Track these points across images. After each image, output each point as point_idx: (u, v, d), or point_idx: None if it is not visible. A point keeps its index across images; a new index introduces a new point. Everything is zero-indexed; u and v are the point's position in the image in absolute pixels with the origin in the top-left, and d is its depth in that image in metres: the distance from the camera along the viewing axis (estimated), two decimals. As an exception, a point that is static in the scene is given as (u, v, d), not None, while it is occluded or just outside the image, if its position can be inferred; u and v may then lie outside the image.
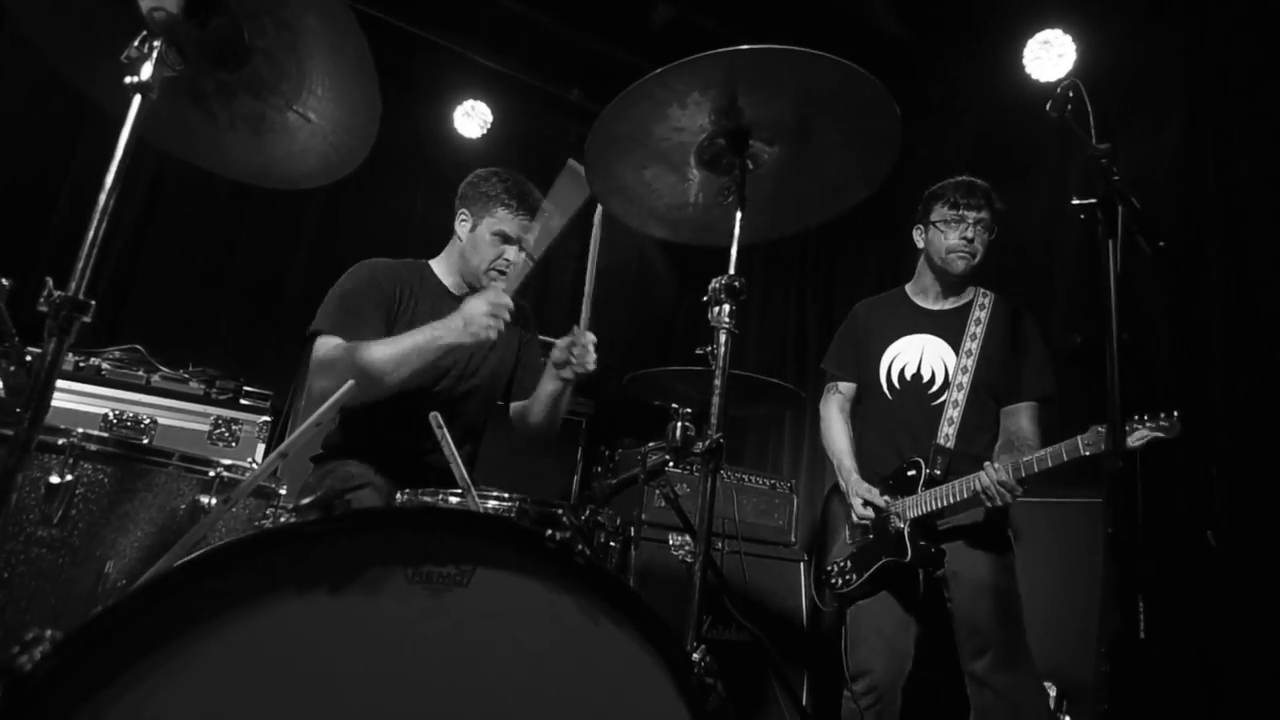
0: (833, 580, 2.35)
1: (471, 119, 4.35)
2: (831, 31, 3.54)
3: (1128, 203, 1.27)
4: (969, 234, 2.32)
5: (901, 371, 2.42)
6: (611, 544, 1.58)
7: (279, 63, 1.28)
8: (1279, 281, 2.54)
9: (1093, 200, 1.33)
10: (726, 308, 1.47)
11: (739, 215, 1.55)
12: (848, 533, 2.37)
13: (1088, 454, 1.91)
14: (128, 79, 1.11)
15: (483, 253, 2.18)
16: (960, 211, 2.33)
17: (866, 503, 2.28)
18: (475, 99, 4.34)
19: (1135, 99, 3.04)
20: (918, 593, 2.24)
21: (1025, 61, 3.27)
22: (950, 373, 2.34)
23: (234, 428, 3.02)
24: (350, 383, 1.16)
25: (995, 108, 3.64)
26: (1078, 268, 3.15)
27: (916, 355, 2.41)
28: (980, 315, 2.38)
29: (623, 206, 1.77)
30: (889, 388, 2.43)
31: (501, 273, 2.18)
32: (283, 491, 1.46)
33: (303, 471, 2.11)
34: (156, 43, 1.13)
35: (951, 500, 2.13)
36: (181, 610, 0.74)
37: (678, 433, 1.43)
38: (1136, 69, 3.07)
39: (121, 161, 1.09)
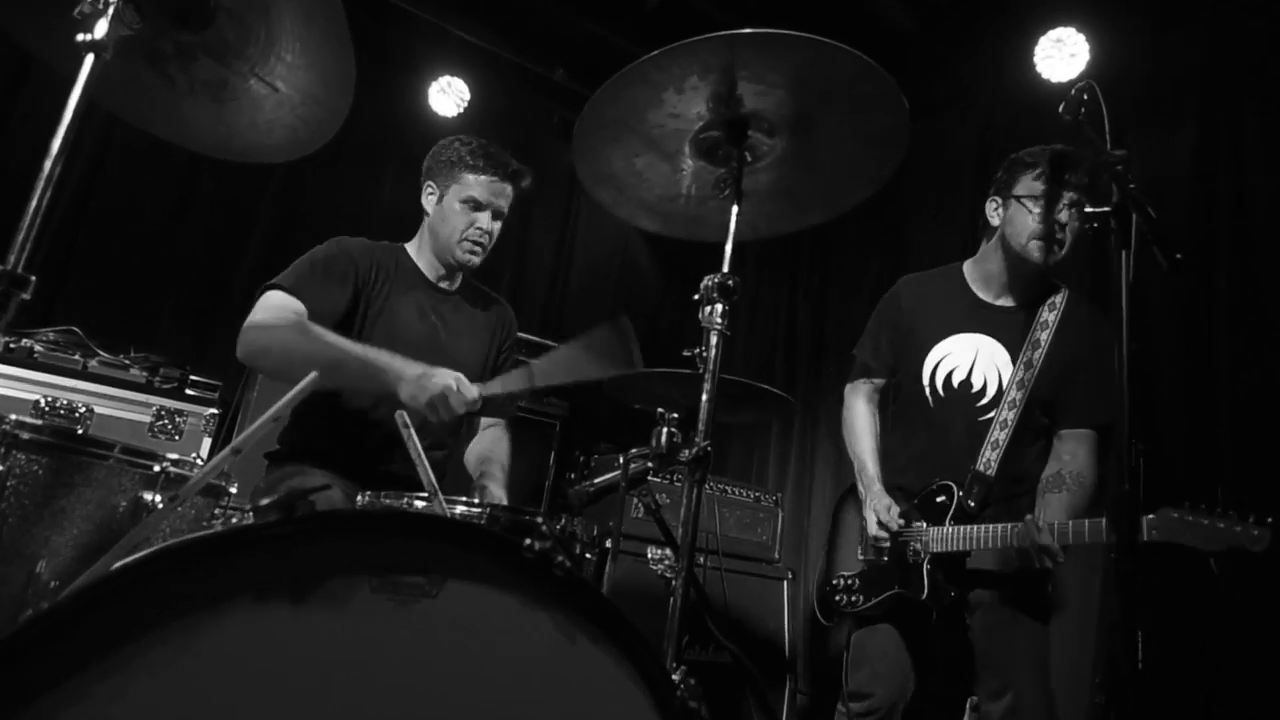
0: (838, 596, 2.23)
1: (447, 96, 4.32)
2: (835, 20, 3.56)
3: (1144, 212, 1.29)
4: (1063, 217, 2.04)
5: (949, 376, 2.20)
6: (587, 556, 1.57)
7: (246, 25, 1.26)
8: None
9: (1106, 208, 1.35)
10: (719, 308, 1.47)
11: (735, 210, 1.56)
12: (860, 546, 2.23)
13: (1152, 539, 1.69)
14: (80, 36, 1.09)
15: (452, 222, 2.15)
16: (1056, 188, 2.04)
17: (883, 524, 2.13)
18: (452, 75, 4.32)
19: (1149, 102, 3.10)
20: (929, 625, 2.12)
21: (1036, 60, 3.32)
22: (1004, 385, 2.12)
23: (178, 420, 2.98)
24: (313, 375, 1.15)
25: (1004, 107, 3.69)
26: (1089, 275, 3.19)
27: (969, 359, 2.18)
28: (1049, 318, 2.14)
29: (611, 196, 1.77)
30: (932, 393, 2.21)
31: (475, 243, 2.16)
32: (233, 490, 1.44)
33: (255, 471, 2.08)
34: (113, -1, 1.11)
35: (981, 546, 1.98)
36: (124, 616, 0.72)
37: (663, 439, 1.43)
38: (1151, 71, 3.13)
39: (70, 125, 1.07)
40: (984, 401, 2.15)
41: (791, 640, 3.21)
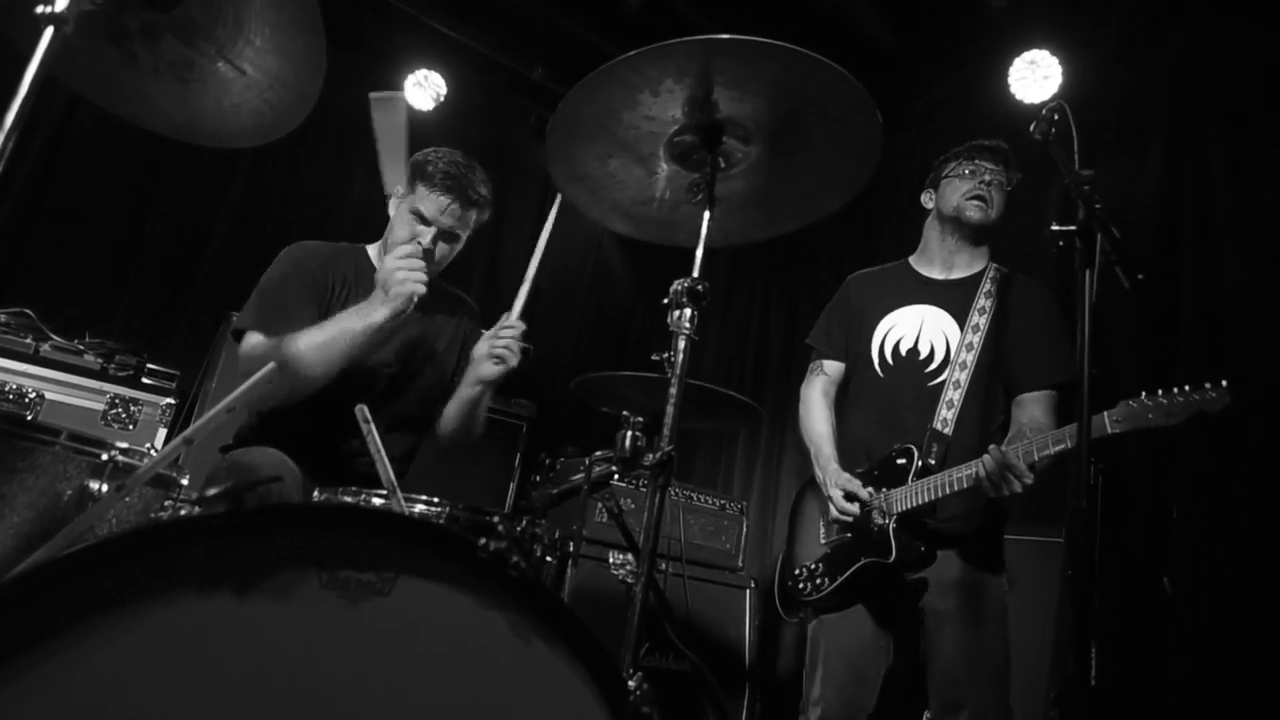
0: (800, 585, 2.17)
1: (424, 89, 4.29)
2: (816, 32, 3.59)
3: (1108, 232, 1.32)
4: (986, 178, 2.22)
5: (896, 346, 2.26)
6: (548, 559, 1.57)
7: (214, 6, 1.24)
8: (1248, 322, 2.65)
9: (1072, 227, 1.38)
10: (687, 312, 1.48)
11: (707, 215, 1.56)
12: (822, 531, 2.21)
13: (1116, 431, 1.74)
14: (39, 8, 1.07)
15: (398, 232, 2.13)
16: (976, 162, 2.24)
17: (847, 494, 2.09)
18: (429, 68, 4.29)
19: (1119, 126, 3.17)
20: (897, 609, 2.08)
21: (1011, 80, 3.38)
22: (952, 350, 2.17)
23: (133, 409, 2.91)
24: (270, 365, 1.13)
25: (978, 125, 3.72)
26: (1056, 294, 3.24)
27: (915, 328, 2.25)
28: (992, 288, 2.23)
29: (583, 196, 1.77)
30: (881, 364, 2.26)
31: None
32: (184, 482, 1.41)
33: (208, 463, 2.04)
34: (76, -30, 1.09)
35: (947, 490, 1.95)
36: (64, 606, 0.70)
37: (627, 442, 1.42)
38: (1122, 96, 3.20)
39: (26, 100, 1.04)
40: (932, 367, 2.19)
41: (752, 649, 3.23)
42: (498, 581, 0.89)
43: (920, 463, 2.05)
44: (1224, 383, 1.67)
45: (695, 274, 1.51)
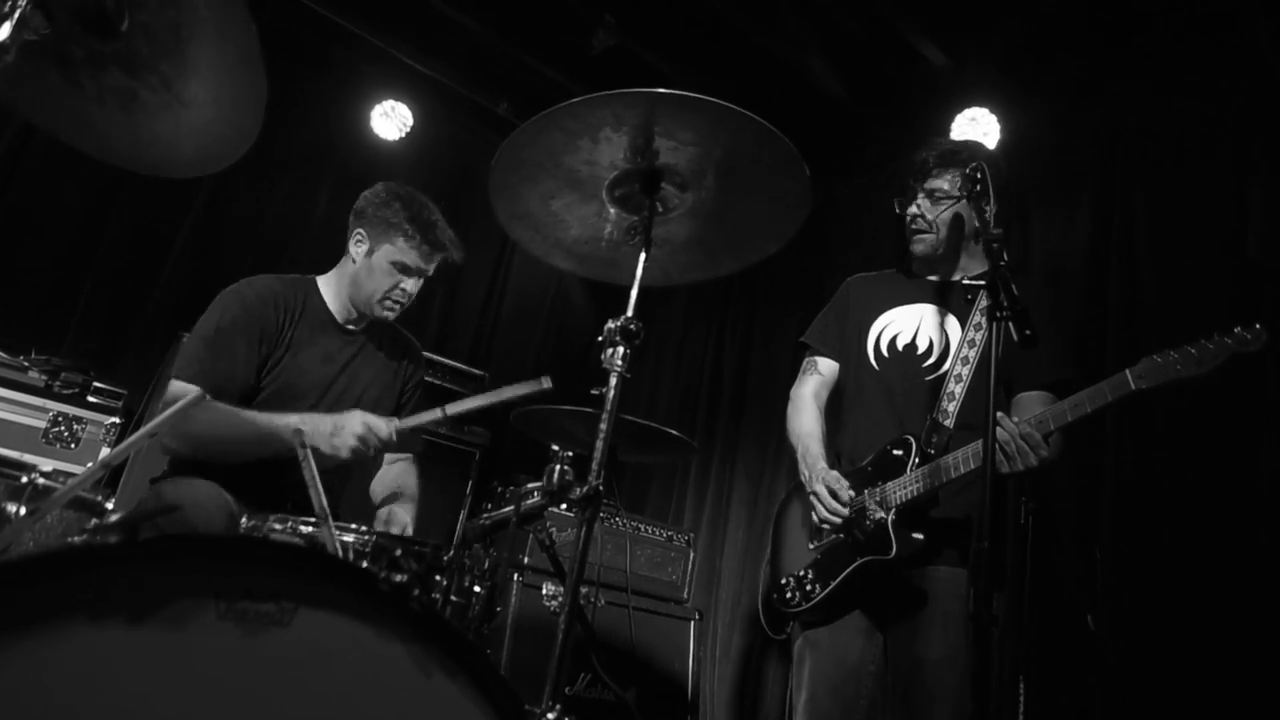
0: (788, 595, 2.02)
1: (390, 120, 4.31)
2: (774, 81, 3.70)
3: (1008, 289, 1.38)
4: (912, 210, 2.13)
5: (893, 341, 2.16)
6: (476, 589, 1.56)
7: (159, 40, 1.25)
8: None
9: (981, 282, 1.43)
10: (620, 350, 1.51)
11: (643, 257, 1.60)
12: (809, 536, 2.08)
13: (1141, 388, 1.63)
14: (-22, 37, 1.07)
15: (377, 281, 2.17)
16: (911, 185, 2.15)
17: (834, 493, 1.95)
18: (397, 99, 4.32)
19: (1053, 178, 3.30)
20: (900, 597, 1.91)
21: (953, 134, 3.49)
22: (953, 346, 2.05)
23: (76, 428, 2.84)
24: (196, 391, 1.13)
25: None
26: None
27: (912, 324, 2.14)
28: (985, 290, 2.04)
29: (527, 234, 1.80)
30: (876, 357, 2.16)
31: (397, 302, 2.18)
32: (109, 506, 1.39)
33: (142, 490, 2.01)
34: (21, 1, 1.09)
35: (953, 474, 1.81)
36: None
37: (555, 476, 1.45)
38: (1054, 156, 3.34)
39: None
40: (930, 361, 2.09)
41: (695, 682, 3.22)
42: (400, 614, 0.89)
43: (920, 453, 1.93)
44: (1258, 325, 1.58)
45: (629, 313, 1.55)
